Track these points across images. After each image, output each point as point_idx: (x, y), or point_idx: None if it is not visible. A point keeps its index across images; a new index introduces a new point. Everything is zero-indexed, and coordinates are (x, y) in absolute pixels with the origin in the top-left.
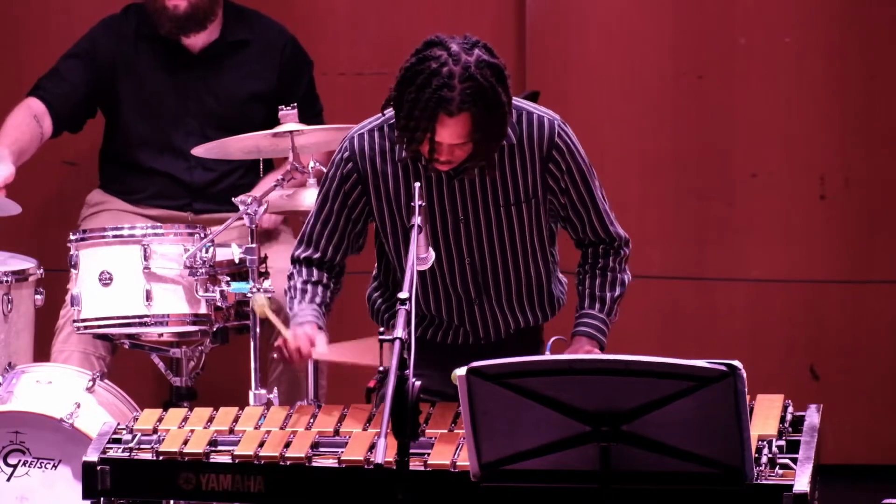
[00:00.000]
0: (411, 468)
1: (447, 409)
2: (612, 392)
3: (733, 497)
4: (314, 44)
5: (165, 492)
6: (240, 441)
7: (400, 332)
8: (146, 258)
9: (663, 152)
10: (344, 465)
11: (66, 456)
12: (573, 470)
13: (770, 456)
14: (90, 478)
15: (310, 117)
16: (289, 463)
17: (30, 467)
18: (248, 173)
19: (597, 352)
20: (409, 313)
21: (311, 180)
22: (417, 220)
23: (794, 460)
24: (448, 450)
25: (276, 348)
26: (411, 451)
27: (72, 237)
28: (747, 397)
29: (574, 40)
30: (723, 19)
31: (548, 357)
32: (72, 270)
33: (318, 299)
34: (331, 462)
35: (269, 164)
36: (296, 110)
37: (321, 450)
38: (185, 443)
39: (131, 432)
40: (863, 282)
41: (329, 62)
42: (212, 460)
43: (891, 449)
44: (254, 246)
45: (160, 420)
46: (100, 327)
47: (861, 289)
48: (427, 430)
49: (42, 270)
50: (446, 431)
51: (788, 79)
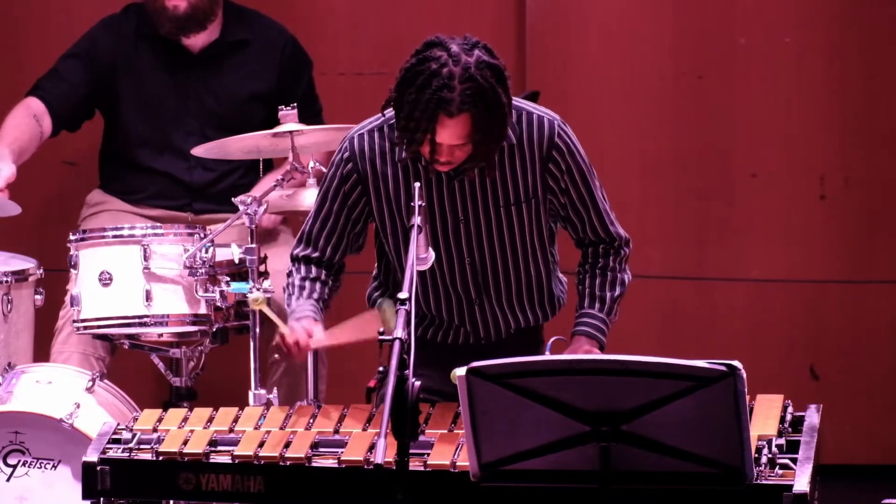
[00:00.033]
0: (411, 468)
1: (447, 409)
2: (612, 392)
3: (733, 497)
4: (314, 44)
5: (165, 492)
6: (240, 441)
7: (400, 332)
8: (146, 258)
9: (663, 152)
10: (344, 466)
11: (65, 456)
12: (573, 470)
13: (770, 456)
14: (90, 478)
15: (309, 117)
16: (288, 463)
17: (29, 467)
18: (247, 173)
19: (596, 351)
20: (408, 313)
21: (311, 180)
22: (417, 220)
23: (794, 460)
24: (448, 450)
25: (275, 347)
26: (411, 451)
27: (71, 237)
28: (747, 397)
29: (574, 40)
30: (723, 19)
31: (548, 357)
32: (71, 270)
33: (315, 295)
34: (330, 462)
35: (268, 164)
36: (295, 110)
37: (321, 450)
38: (185, 443)
39: (131, 432)
40: (863, 282)
41: (329, 62)
42: (211, 460)
43: (891, 449)
44: (254, 246)
45: (160, 420)
46: (99, 327)
47: (861, 289)
48: (427, 431)
49: (42, 270)
50: (446, 431)
51: (788, 79)
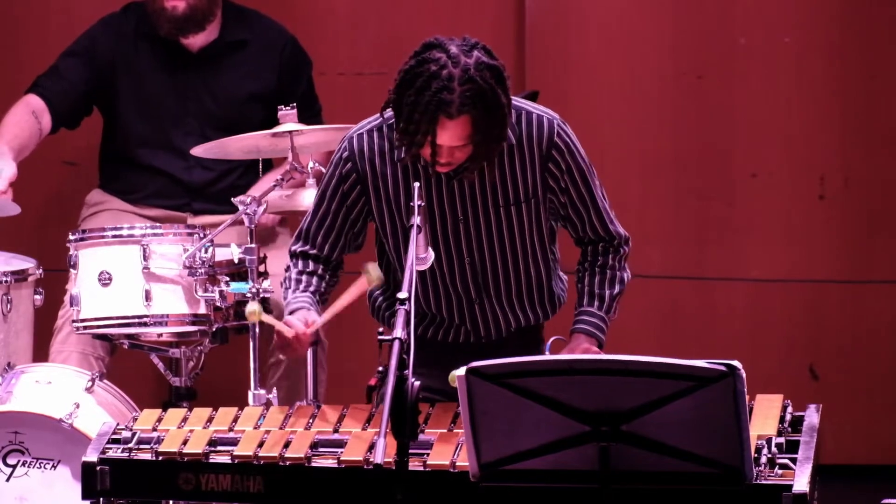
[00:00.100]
0: (411, 468)
1: (447, 409)
2: (612, 392)
3: (733, 497)
4: (314, 44)
5: (165, 492)
6: (239, 441)
7: (399, 332)
8: (145, 258)
9: (663, 152)
10: (343, 466)
11: (65, 456)
12: (573, 470)
13: (769, 456)
14: (89, 478)
15: (309, 117)
16: (288, 463)
17: (29, 467)
18: (247, 173)
19: (595, 349)
20: (408, 313)
21: (311, 180)
22: (417, 220)
23: (794, 460)
24: (447, 450)
25: (276, 346)
26: (411, 451)
27: (71, 237)
28: (747, 397)
29: (574, 40)
30: (723, 19)
31: (547, 357)
32: (71, 270)
33: (311, 288)
34: (330, 462)
35: (268, 164)
36: (295, 110)
37: (320, 450)
38: (185, 443)
39: (131, 432)
40: (863, 282)
41: (329, 62)
42: (211, 460)
43: (890, 449)
44: (253, 246)
45: (159, 420)
46: (99, 327)
47: (861, 289)
48: (426, 430)
49: (41, 270)
50: (446, 431)
51: (788, 79)
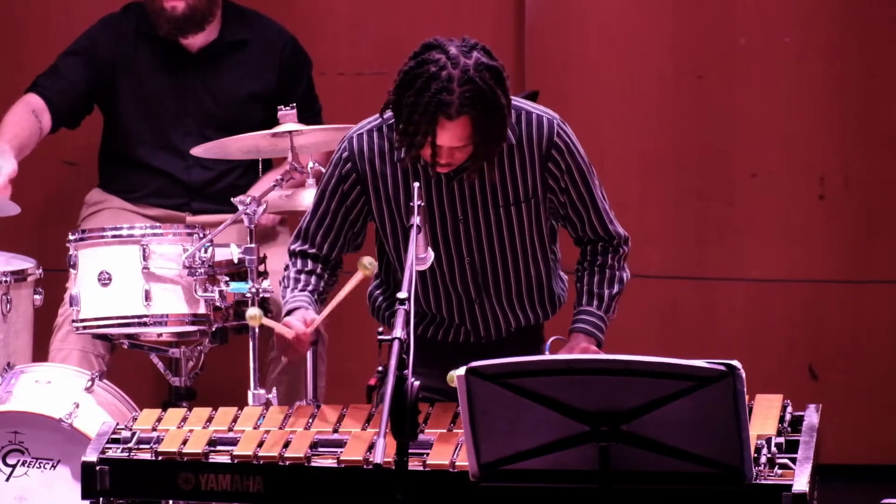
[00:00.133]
0: (410, 468)
1: (446, 408)
2: (612, 392)
3: (732, 497)
4: (314, 44)
5: (164, 492)
6: (239, 441)
7: (399, 331)
8: (145, 258)
9: (663, 152)
10: (343, 465)
11: (65, 456)
12: (572, 470)
13: (769, 456)
14: (89, 478)
15: (309, 117)
16: (288, 463)
17: (29, 467)
18: (246, 173)
19: (594, 349)
20: (408, 313)
21: (310, 180)
22: (416, 220)
23: (793, 460)
24: (447, 450)
25: (277, 349)
26: (410, 451)
27: (71, 237)
28: (746, 397)
29: (574, 40)
30: (723, 19)
31: (547, 357)
32: (71, 270)
33: (310, 287)
34: (330, 462)
35: (267, 164)
36: (295, 110)
37: (320, 450)
38: (185, 443)
39: (130, 432)
40: (863, 282)
41: (329, 62)
42: (211, 460)
43: (890, 449)
44: (253, 246)
45: (159, 420)
46: (99, 327)
47: (861, 289)
48: (426, 430)
49: (41, 270)
50: (445, 431)
51: (788, 79)
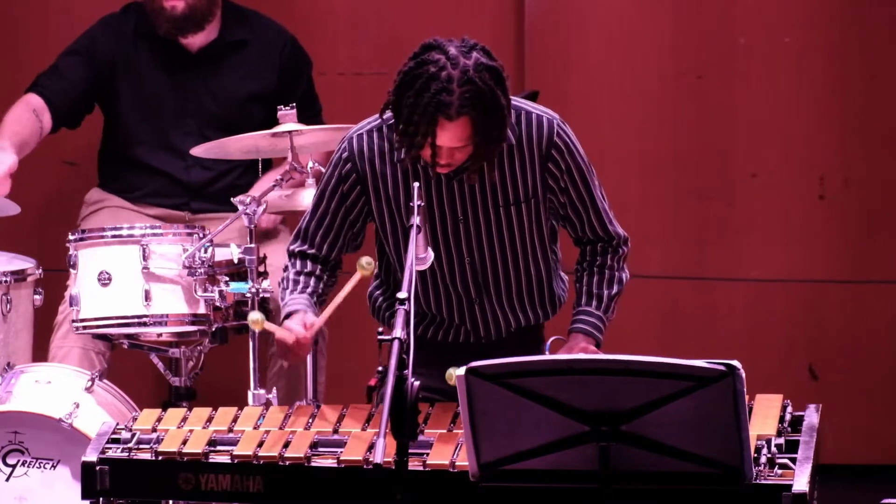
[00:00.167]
0: (410, 468)
1: (446, 408)
2: (612, 392)
3: (732, 497)
4: (314, 44)
5: (164, 492)
6: (239, 441)
7: (399, 331)
8: (145, 258)
9: (663, 152)
10: (343, 465)
11: (65, 456)
12: (572, 470)
13: (769, 456)
14: (89, 478)
15: (309, 117)
16: (288, 463)
17: (29, 467)
18: (246, 173)
19: (593, 349)
20: (407, 313)
21: (310, 180)
22: (416, 220)
23: (793, 460)
24: (447, 450)
25: (277, 354)
26: (410, 451)
27: (71, 237)
28: (746, 397)
29: (574, 40)
30: (723, 19)
31: (547, 357)
32: (71, 270)
33: (309, 290)
34: (330, 462)
35: (267, 164)
36: (295, 110)
37: (320, 450)
38: (184, 443)
39: (130, 432)
40: (863, 282)
41: (329, 62)
42: (211, 460)
43: (890, 449)
44: (253, 246)
45: (159, 420)
46: (98, 327)
47: (861, 289)
48: (426, 430)
49: (41, 270)
50: (445, 431)
51: (788, 79)
